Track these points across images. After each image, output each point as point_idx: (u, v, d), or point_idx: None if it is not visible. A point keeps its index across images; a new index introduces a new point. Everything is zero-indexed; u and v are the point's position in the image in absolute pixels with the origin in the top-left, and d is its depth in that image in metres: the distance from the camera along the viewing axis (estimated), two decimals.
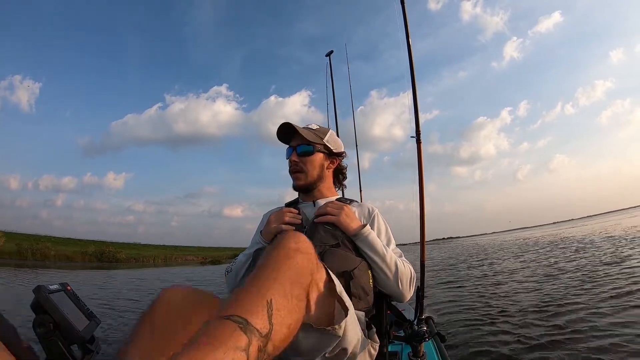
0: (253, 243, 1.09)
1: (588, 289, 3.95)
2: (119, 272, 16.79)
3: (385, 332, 1.05)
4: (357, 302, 0.89)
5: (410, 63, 1.89)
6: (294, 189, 1.14)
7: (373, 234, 0.99)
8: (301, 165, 1.08)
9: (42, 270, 14.58)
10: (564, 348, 2.26)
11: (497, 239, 36.57)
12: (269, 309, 0.49)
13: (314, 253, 0.66)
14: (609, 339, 2.28)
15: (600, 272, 4.88)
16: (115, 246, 25.96)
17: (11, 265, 14.63)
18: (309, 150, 1.08)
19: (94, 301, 5.75)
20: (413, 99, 1.86)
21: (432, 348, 1.45)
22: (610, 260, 5.93)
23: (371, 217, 1.10)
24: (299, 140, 1.09)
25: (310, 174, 1.09)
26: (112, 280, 11.67)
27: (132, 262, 20.88)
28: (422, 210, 1.77)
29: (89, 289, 8.30)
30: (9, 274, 11.93)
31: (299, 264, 0.60)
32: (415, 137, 1.81)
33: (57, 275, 12.86)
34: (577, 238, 13.96)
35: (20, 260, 16.54)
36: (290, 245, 0.62)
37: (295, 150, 1.09)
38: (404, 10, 1.93)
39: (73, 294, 0.79)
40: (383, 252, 0.97)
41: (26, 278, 10.72)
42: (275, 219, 1.05)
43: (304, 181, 1.09)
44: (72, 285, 0.78)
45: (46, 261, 17.75)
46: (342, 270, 0.89)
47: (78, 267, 17.20)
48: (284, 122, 1.09)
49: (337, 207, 1.02)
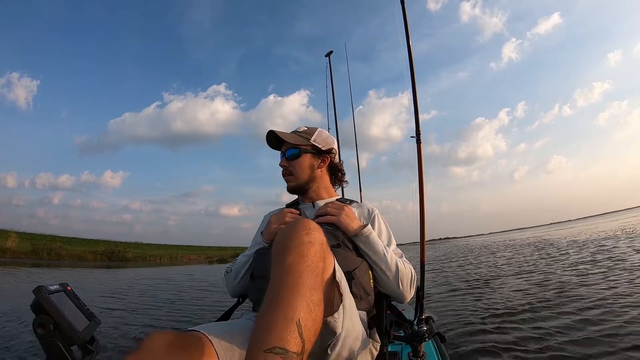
0: (254, 244, 1.09)
1: (588, 288, 3.95)
2: (139, 270, 17.06)
3: (385, 332, 1.05)
4: (358, 303, 0.89)
5: (410, 63, 1.89)
6: (288, 192, 1.17)
7: (374, 234, 0.99)
8: (290, 169, 1.12)
9: (63, 269, 14.80)
10: (564, 348, 2.26)
11: (494, 239, 36.68)
12: (299, 329, 0.53)
13: (325, 241, 0.66)
14: (609, 339, 2.29)
15: (599, 271, 4.90)
16: (124, 245, 26.28)
17: (28, 264, 14.84)
18: (296, 154, 1.12)
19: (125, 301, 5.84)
20: (413, 99, 1.86)
21: (432, 348, 1.45)
22: (614, 257, 5.97)
23: (371, 217, 1.10)
24: (287, 145, 1.13)
25: (299, 176, 1.12)
26: (139, 278, 11.78)
27: (139, 261, 21.23)
28: (422, 210, 1.77)
29: (116, 286, 8.37)
30: (31, 272, 12.04)
31: (315, 263, 0.60)
32: (416, 137, 1.82)
33: (79, 273, 13.04)
34: (574, 239, 14.00)
35: (36, 260, 17.00)
36: (303, 239, 0.62)
37: (284, 155, 1.13)
38: (404, 10, 1.93)
39: (73, 295, 0.79)
40: (384, 253, 0.97)
41: (53, 276, 10.86)
42: (276, 219, 1.05)
43: (295, 183, 1.12)
44: (103, 283, 0.79)
45: (61, 261, 18.24)
46: (343, 270, 0.89)
47: (90, 266, 17.52)
48: (269, 130, 1.13)
49: (337, 207, 1.03)
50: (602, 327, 2.54)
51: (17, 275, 11.09)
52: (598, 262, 5.99)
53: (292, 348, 0.50)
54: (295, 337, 0.51)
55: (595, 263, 5.96)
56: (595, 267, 5.47)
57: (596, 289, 3.89)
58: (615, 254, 6.84)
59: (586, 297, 3.53)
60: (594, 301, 3.33)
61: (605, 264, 5.66)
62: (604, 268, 5.28)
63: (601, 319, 2.73)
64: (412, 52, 1.89)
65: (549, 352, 2.23)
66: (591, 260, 6.46)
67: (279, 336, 0.51)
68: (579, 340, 2.36)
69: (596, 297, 3.46)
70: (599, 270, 5.11)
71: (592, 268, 5.44)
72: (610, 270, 4.99)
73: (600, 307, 3.10)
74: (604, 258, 6.43)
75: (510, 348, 2.38)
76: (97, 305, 5.06)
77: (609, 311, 2.93)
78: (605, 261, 6.00)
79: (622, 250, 7.36)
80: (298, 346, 0.51)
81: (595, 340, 2.31)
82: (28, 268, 13.70)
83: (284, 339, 0.51)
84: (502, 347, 2.40)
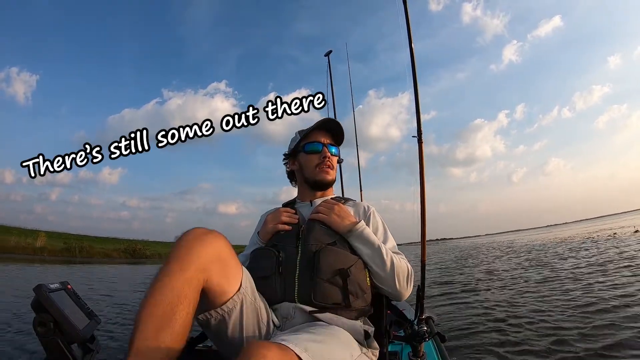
0: (251, 244, 1.09)
1: (587, 289, 3.95)
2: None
3: (385, 332, 1.05)
4: (355, 300, 0.89)
5: (412, 63, 1.88)
6: (317, 183, 1.12)
7: (367, 230, 0.99)
8: (333, 163, 1.13)
9: (96, 265, 15.38)
10: (564, 348, 2.26)
11: (493, 240, 36.72)
12: None
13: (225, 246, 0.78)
14: (612, 338, 2.28)
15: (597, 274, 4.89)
16: (143, 243, 27.28)
17: (61, 262, 15.56)
18: (337, 153, 1.15)
19: None
20: (415, 99, 1.86)
21: (432, 348, 1.44)
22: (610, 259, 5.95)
23: (367, 215, 1.10)
24: (331, 140, 1.14)
25: (335, 173, 1.15)
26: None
27: (155, 258, 22.22)
28: (423, 210, 1.77)
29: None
30: (81, 269, 12.48)
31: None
32: (417, 137, 1.81)
33: (119, 269, 13.69)
34: (573, 240, 13.98)
35: (69, 257, 17.95)
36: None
37: (326, 147, 1.11)
38: (406, 10, 1.92)
39: (73, 293, 0.79)
40: (378, 248, 0.96)
41: (107, 272, 11.31)
42: (272, 219, 1.05)
43: (332, 177, 1.13)
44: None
45: (92, 258, 19.52)
46: (338, 268, 0.89)
47: (116, 262, 18.56)
48: (332, 119, 1.16)
49: (328, 206, 1.03)
50: (603, 328, 2.54)
51: (87, 271, 11.53)
52: (598, 263, 5.98)
53: None
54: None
55: (595, 264, 5.95)
56: (595, 267, 5.46)
57: (596, 289, 3.88)
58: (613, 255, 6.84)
59: (586, 298, 3.52)
60: (593, 302, 3.33)
61: (609, 267, 5.65)
62: (603, 269, 5.28)
63: (602, 320, 2.73)
64: (414, 51, 1.88)
65: (549, 352, 2.23)
66: (588, 262, 6.45)
67: None
68: (579, 340, 2.36)
69: (596, 298, 3.46)
70: (598, 270, 5.10)
71: (592, 269, 5.44)
72: (610, 271, 4.98)
73: (601, 307, 3.09)
74: (606, 260, 6.43)
75: (511, 348, 2.38)
76: None
77: (608, 310, 2.93)
78: (609, 264, 5.99)
79: (622, 250, 7.36)
80: None
81: (598, 339, 2.31)
82: (75, 265, 14.28)
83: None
84: (502, 347, 2.40)
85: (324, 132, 1.13)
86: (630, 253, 6.86)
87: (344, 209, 1.03)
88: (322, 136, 1.13)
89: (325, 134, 1.13)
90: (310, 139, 1.12)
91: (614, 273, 4.79)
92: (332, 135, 1.14)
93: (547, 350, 2.27)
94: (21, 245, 16.85)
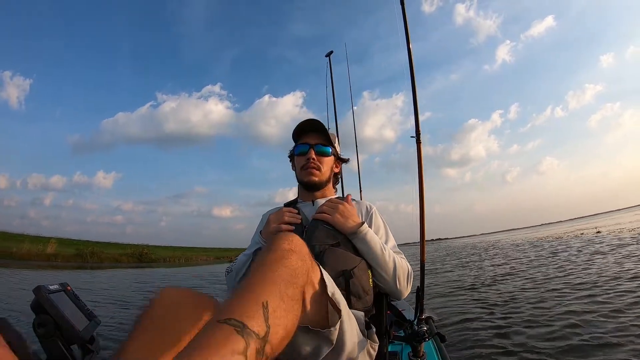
0: (253, 243, 1.09)
1: (588, 289, 3.95)
2: (178, 269, 18.77)
3: (385, 332, 1.05)
4: (357, 302, 0.90)
5: (410, 63, 1.89)
6: (304, 184, 1.14)
7: (370, 233, 0.99)
8: (318, 164, 1.12)
9: (106, 270, 15.56)
10: (565, 348, 2.26)
11: (488, 239, 36.79)
12: (265, 311, 0.49)
13: (308, 253, 0.66)
14: (611, 339, 2.28)
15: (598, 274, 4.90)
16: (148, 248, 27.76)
17: (73, 267, 15.97)
18: (327, 152, 1.13)
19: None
20: (413, 99, 1.86)
21: (432, 348, 1.45)
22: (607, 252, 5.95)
23: (369, 214, 1.10)
24: (318, 140, 1.13)
25: (324, 173, 1.13)
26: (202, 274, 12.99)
27: (160, 262, 22.59)
28: (422, 210, 1.77)
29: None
30: (99, 274, 12.70)
31: (293, 264, 0.60)
32: (416, 137, 1.81)
33: (137, 273, 13.95)
34: (572, 240, 14.00)
35: (81, 263, 18.45)
36: (284, 246, 0.62)
37: (313, 148, 1.11)
38: (404, 11, 1.93)
39: (73, 294, 0.79)
40: (381, 250, 0.97)
41: (130, 276, 11.76)
42: (275, 218, 1.05)
43: (318, 178, 1.12)
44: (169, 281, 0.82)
45: (103, 263, 20.01)
46: (342, 269, 0.89)
47: (125, 267, 19.06)
48: (312, 118, 1.13)
49: (333, 206, 1.03)
50: (603, 329, 2.54)
51: (113, 275, 11.86)
52: (597, 263, 5.98)
53: (253, 327, 0.46)
54: (258, 317, 0.48)
55: (594, 263, 5.96)
56: (595, 268, 5.47)
57: (597, 289, 3.89)
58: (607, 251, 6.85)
59: (586, 298, 3.52)
60: (594, 302, 3.33)
61: (603, 262, 5.65)
62: (602, 269, 5.28)
63: (602, 321, 2.73)
64: (412, 52, 1.89)
65: (549, 352, 2.23)
66: (588, 260, 6.45)
67: (239, 310, 0.48)
68: (579, 340, 2.36)
69: (598, 298, 3.46)
70: (598, 271, 5.11)
71: (591, 270, 5.44)
72: (608, 271, 4.98)
73: (601, 308, 3.09)
74: (607, 261, 6.43)
75: (511, 348, 2.38)
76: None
77: (608, 312, 2.93)
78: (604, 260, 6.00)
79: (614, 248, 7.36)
80: (260, 327, 0.47)
81: (596, 340, 2.31)
82: (91, 271, 14.50)
83: (245, 314, 0.47)
84: (502, 348, 2.40)
85: (314, 133, 1.13)
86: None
87: (348, 208, 1.03)
88: (311, 137, 1.13)
89: (315, 134, 1.13)
90: (300, 141, 1.14)
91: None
92: (324, 136, 1.13)
93: (548, 351, 2.27)
94: (34, 252, 17.33)
